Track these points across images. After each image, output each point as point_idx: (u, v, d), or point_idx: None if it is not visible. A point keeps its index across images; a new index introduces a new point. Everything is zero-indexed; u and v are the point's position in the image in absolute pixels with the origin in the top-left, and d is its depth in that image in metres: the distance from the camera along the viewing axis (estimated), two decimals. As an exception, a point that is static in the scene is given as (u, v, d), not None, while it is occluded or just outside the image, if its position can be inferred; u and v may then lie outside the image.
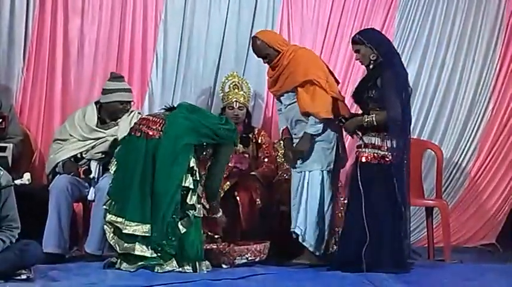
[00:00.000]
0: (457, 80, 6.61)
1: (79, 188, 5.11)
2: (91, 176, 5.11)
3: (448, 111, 6.59)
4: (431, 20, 6.55)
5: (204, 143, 4.74)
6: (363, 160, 4.78)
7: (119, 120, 5.29)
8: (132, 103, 5.37)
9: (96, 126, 5.26)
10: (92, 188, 5.11)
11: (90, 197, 5.12)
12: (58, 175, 5.11)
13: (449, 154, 6.54)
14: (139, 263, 4.54)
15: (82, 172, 5.10)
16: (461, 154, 6.60)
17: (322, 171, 4.98)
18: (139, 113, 5.45)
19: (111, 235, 4.65)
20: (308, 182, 4.96)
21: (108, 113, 5.30)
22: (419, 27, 6.53)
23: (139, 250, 4.55)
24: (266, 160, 5.63)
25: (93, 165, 5.15)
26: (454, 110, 6.60)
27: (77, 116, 5.34)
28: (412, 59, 6.51)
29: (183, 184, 4.57)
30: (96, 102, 5.37)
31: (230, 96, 5.64)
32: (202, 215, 4.72)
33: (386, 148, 4.72)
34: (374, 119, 4.72)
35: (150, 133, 4.67)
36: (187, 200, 4.60)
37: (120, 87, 5.31)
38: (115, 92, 5.28)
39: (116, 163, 4.79)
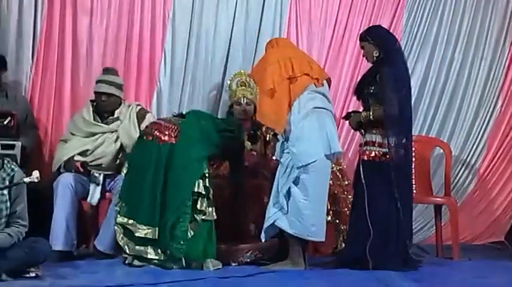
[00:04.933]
0: (465, 77, 6.59)
1: (84, 185, 5.11)
2: (95, 175, 5.12)
3: (456, 109, 6.58)
4: (440, 18, 6.54)
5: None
6: (365, 158, 4.79)
7: (118, 114, 5.28)
8: (111, 96, 5.25)
9: (94, 120, 5.26)
10: (93, 186, 5.11)
11: (89, 199, 5.11)
12: (62, 173, 5.12)
13: (457, 151, 6.53)
14: (152, 262, 4.61)
15: (80, 165, 5.07)
16: (470, 151, 6.59)
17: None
18: (138, 104, 5.45)
19: (121, 236, 4.69)
20: None
21: (98, 106, 5.31)
22: (428, 25, 6.52)
23: (152, 253, 4.60)
24: (274, 157, 5.61)
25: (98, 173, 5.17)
26: (463, 108, 6.59)
27: (75, 116, 5.38)
28: (420, 57, 6.51)
29: (194, 190, 4.63)
30: (92, 100, 5.37)
31: (237, 93, 5.64)
32: (214, 217, 4.74)
33: (387, 145, 4.72)
34: (371, 114, 4.73)
35: (163, 138, 4.72)
36: (198, 206, 4.65)
37: (102, 78, 5.31)
38: (96, 83, 5.31)
39: (127, 165, 4.85)
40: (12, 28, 5.74)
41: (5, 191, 4.06)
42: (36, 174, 4.07)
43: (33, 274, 4.07)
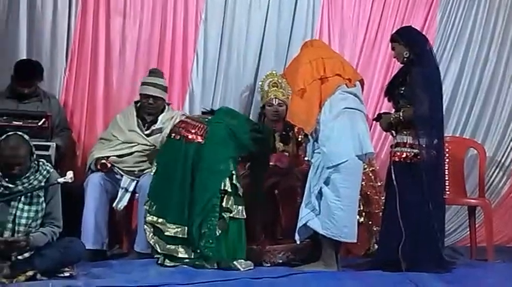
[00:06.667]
0: (500, 77, 6.55)
1: (114, 185, 5.14)
2: (121, 185, 5.13)
3: (490, 110, 6.53)
4: (474, 17, 6.50)
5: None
6: (396, 159, 4.76)
7: (160, 123, 5.29)
8: (158, 99, 5.29)
9: (138, 127, 5.29)
10: (122, 191, 5.10)
11: (115, 204, 5.08)
12: (92, 172, 5.15)
13: (492, 152, 6.48)
14: (184, 262, 4.62)
15: (101, 167, 5.08)
16: (504, 152, 6.54)
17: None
18: (183, 114, 5.44)
19: (151, 235, 4.73)
20: None
21: (142, 109, 5.32)
22: (462, 24, 6.48)
23: (183, 252, 4.62)
24: (306, 158, 5.60)
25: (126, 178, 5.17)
26: (497, 108, 6.54)
27: (118, 117, 5.39)
28: (454, 57, 6.47)
29: (221, 188, 4.63)
30: (136, 102, 5.41)
31: (269, 94, 5.61)
32: (244, 217, 4.73)
33: (418, 146, 4.69)
34: (401, 115, 4.71)
35: (190, 137, 4.74)
36: (223, 203, 4.65)
37: (148, 81, 5.32)
38: (142, 85, 5.32)
39: (155, 164, 4.87)
40: (47, 29, 5.78)
41: (41, 193, 4.11)
42: (70, 174, 4.11)
43: (67, 274, 4.10)
